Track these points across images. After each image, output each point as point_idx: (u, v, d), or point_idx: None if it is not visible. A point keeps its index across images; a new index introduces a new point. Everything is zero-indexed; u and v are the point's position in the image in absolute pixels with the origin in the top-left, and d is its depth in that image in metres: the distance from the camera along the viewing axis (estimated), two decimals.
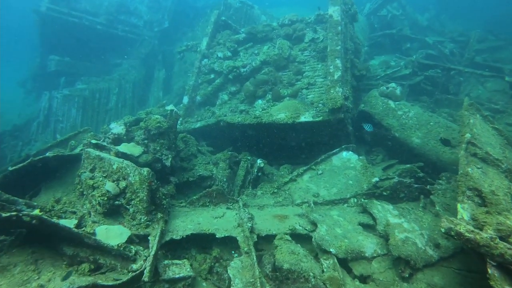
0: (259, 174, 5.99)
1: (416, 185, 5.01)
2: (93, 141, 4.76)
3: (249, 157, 6.57)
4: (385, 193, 5.12)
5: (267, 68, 7.84)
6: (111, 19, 13.89)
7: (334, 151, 6.17)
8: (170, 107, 5.22)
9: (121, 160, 4.41)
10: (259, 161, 5.90)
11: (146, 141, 5.15)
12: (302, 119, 6.10)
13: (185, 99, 7.60)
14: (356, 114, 7.08)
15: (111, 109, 12.41)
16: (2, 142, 12.05)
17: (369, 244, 4.27)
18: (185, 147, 5.85)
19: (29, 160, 4.92)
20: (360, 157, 6.10)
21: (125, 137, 5.12)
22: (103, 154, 4.56)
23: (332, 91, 5.95)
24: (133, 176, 4.28)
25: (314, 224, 4.64)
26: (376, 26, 11.66)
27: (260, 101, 7.41)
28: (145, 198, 4.26)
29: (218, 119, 6.71)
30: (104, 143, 4.90)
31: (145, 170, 4.24)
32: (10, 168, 4.94)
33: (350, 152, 6.17)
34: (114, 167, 4.41)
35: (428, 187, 4.93)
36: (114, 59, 14.20)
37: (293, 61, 7.80)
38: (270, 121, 6.27)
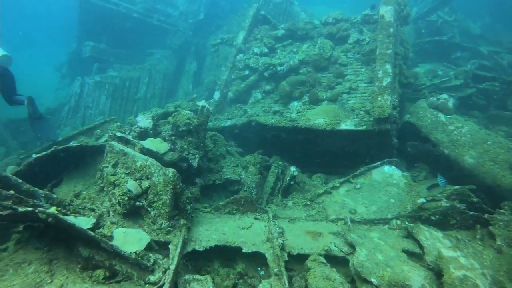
0: (291, 182, 5.51)
1: (471, 213, 4.40)
2: (118, 134, 4.44)
3: (280, 162, 6.12)
4: (433, 218, 4.54)
5: (306, 68, 7.37)
6: (147, 8, 13.76)
7: (375, 164, 5.61)
8: (201, 103, 4.83)
9: (145, 157, 4.05)
10: (292, 168, 5.43)
11: (173, 137, 4.79)
12: (343, 126, 5.58)
13: (216, 95, 7.22)
14: (400, 125, 6.48)
15: (140, 99, 12.25)
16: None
17: (416, 277, 3.72)
18: (214, 146, 5.46)
19: (52, 149, 4.69)
20: (404, 173, 5.52)
21: (151, 131, 4.78)
22: (127, 149, 4.23)
23: (379, 99, 5.39)
24: (157, 176, 3.92)
25: (352, 246, 4.14)
26: (423, 32, 10.89)
27: (295, 103, 6.94)
28: (168, 201, 3.89)
29: (250, 118, 6.29)
30: (129, 137, 4.57)
31: (170, 172, 3.86)
32: (34, 156, 4.76)
33: (393, 167, 5.60)
34: (138, 164, 4.06)
35: (486, 215, 4.31)
36: (147, 48, 14.06)
37: (335, 63, 7.27)
38: (307, 126, 5.79)
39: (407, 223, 4.63)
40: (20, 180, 3.98)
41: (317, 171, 6.66)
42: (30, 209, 3.22)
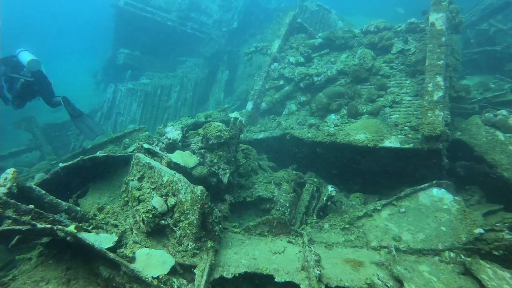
0: (328, 203, 5.05)
1: None
2: (145, 146, 4.18)
3: (315, 179, 5.68)
4: (496, 253, 3.93)
5: (344, 79, 6.93)
6: (181, 16, 13.81)
7: (422, 186, 5.05)
8: (234, 114, 4.51)
9: (172, 172, 3.75)
10: (330, 188, 4.97)
11: (203, 150, 4.48)
12: (387, 144, 5.08)
13: (249, 105, 6.89)
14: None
15: (170, 107, 12.18)
16: (69, 129, 12.36)
17: None
18: (246, 161, 5.10)
19: (78, 159, 4.52)
20: (456, 197, 4.92)
21: (180, 143, 4.49)
22: (153, 162, 3.95)
23: (430, 115, 4.86)
24: (185, 194, 3.60)
25: (399, 280, 3.63)
26: (472, 41, 10.14)
27: (333, 116, 6.49)
28: (195, 222, 3.56)
29: (285, 131, 5.90)
30: (157, 149, 4.31)
31: (198, 189, 3.53)
32: (60, 165, 4.62)
33: (443, 190, 5.01)
34: (164, 179, 3.77)
35: None
36: (180, 56, 14.06)
37: (376, 74, 6.78)
38: (347, 142, 5.33)
39: (463, 256, 4.04)
40: (43, 192, 3.80)
41: (354, 189, 6.16)
42: (48, 226, 2.99)
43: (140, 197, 3.82)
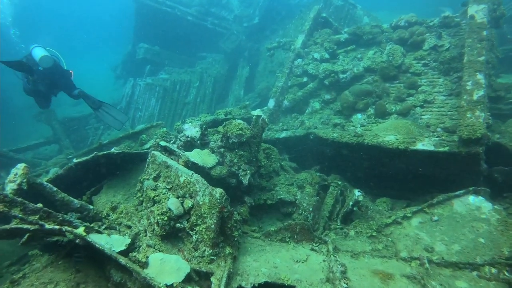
0: (355, 208, 4.72)
1: None
2: (162, 143, 3.95)
3: (339, 182, 5.35)
4: None
5: (372, 77, 6.56)
6: (202, 11, 13.60)
7: (457, 193, 4.64)
8: (256, 112, 4.23)
9: (190, 173, 3.50)
10: (357, 192, 4.64)
11: (222, 149, 4.22)
12: (420, 146, 4.70)
13: (271, 102, 6.60)
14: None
15: (189, 103, 11.99)
16: (87, 123, 12.38)
17: None
18: (267, 161, 4.82)
19: (93, 155, 4.34)
20: (496, 206, 4.50)
21: (198, 141, 4.24)
22: (170, 161, 3.72)
23: (469, 115, 4.46)
24: (202, 196, 3.35)
25: None
26: (508, 37, 9.52)
27: (359, 115, 6.13)
28: (213, 226, 3.30)
29: (308, 131, 5.58)
30: (174, 146, 4.07)
31: (217, 192, 3.27)
32: (74, 161, 4.46)
33: (481, 197, 4.59)
34: (181, 180, 3.53)
35: None
36: (199, 52, 13.85)
37: (406, 71, 6.38)
38: (375, 144, 4.98)
39: (506, 273, 3.65)
40: (55, 189, 3.63)
41: (380, 193, 5.80)
42: (57, 227, 2.79)
43: (155, 198, 3.60)
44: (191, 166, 3.78)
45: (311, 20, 7.76)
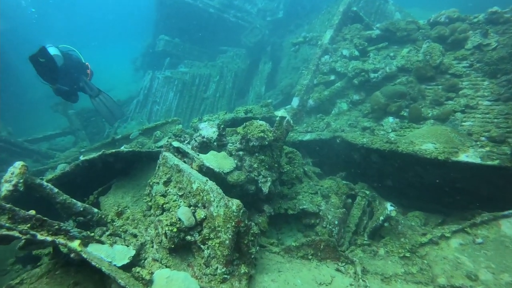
0: (385, 224, 4.23)
1: None
2: (175, 144, 3.56)
3: (367, 192, 4.86)
4: None
5: (406, 77, 6.01)
6: (224, 3, 13.17)
7: (506, 212, 4.09)
8: (281, 113, 3.81)
9: (204, 179, 3.10)
10: (390, 207, 4.15)
11: (241, 152, 3.80)
12: (463, 158, 4.16)
13: (295, 101, 6.13)
14: None
15: (208, 98, 11.61)
16: None
17: None
18: (290, 167, 4.37)
19: (100, 153, 4.00)
20: None
21: (215, 143, 3.83)
22: (182, 165, 3.32)
23: None
24: (217, 207, 2.94)
25: None
26: None
27: (391, 119, 5.62)
28: (227, 242, 2.89)
29: (335, 134, 5.10)
30: (188, 147, 3.68)
31: (234, 204, 2.86)
32: (81, 158, 4.14)
33: None
34: (194, 187, 3.13)
35: None
36: (220, 45, 13.44)
37: (445, 72, 5.82)
38: (410, 152, 4.46)
39: None
40: (56, 190, 3.29)
41: (411, 205, 5.28)
42: (49, 238, 2.43)
43: (164, 205, 3.22)
44: (206, 171, 3.38)
45: (340, 14, 7.24)
